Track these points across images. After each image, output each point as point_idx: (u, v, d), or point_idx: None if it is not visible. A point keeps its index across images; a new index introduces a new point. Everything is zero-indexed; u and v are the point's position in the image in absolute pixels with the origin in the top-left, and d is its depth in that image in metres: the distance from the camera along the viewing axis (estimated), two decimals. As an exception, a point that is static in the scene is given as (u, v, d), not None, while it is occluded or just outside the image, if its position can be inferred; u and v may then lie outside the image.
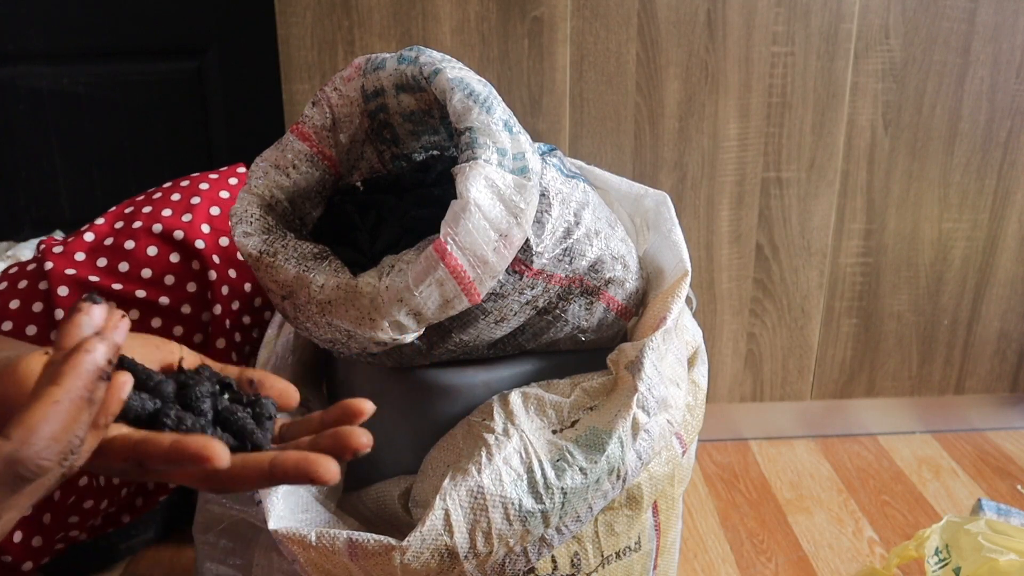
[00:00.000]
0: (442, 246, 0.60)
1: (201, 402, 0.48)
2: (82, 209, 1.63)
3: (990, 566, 0.89)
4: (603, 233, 0.74)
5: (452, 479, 0.65)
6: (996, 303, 1.42)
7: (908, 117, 1.31)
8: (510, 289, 0.69)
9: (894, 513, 1.25)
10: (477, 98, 0.65)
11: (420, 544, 0.63)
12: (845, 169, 1.32)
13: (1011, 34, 1.28)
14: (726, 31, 1.24)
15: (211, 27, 1.58)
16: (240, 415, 0.48)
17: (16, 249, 1.49)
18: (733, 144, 1.30)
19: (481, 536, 0.64)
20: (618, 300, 0.77)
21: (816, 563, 1.14)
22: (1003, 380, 1.47)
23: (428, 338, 0.70)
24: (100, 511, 0.92)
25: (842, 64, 1.27)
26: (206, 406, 0.48)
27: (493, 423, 0.69)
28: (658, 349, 0.72)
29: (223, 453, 0.42)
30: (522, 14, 1.22)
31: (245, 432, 0.48)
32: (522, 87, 1.25)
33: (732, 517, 1.24)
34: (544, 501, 0.65)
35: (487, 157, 0.62)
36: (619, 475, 0.67)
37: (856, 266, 1.38)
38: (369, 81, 0.70)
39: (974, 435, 1.47)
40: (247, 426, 0.48)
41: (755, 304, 1.38)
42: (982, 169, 1.34)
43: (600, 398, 0.72)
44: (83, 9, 1.55)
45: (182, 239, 0.88)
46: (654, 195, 0.87)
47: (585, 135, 1.28)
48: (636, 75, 1.25)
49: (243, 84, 1.60)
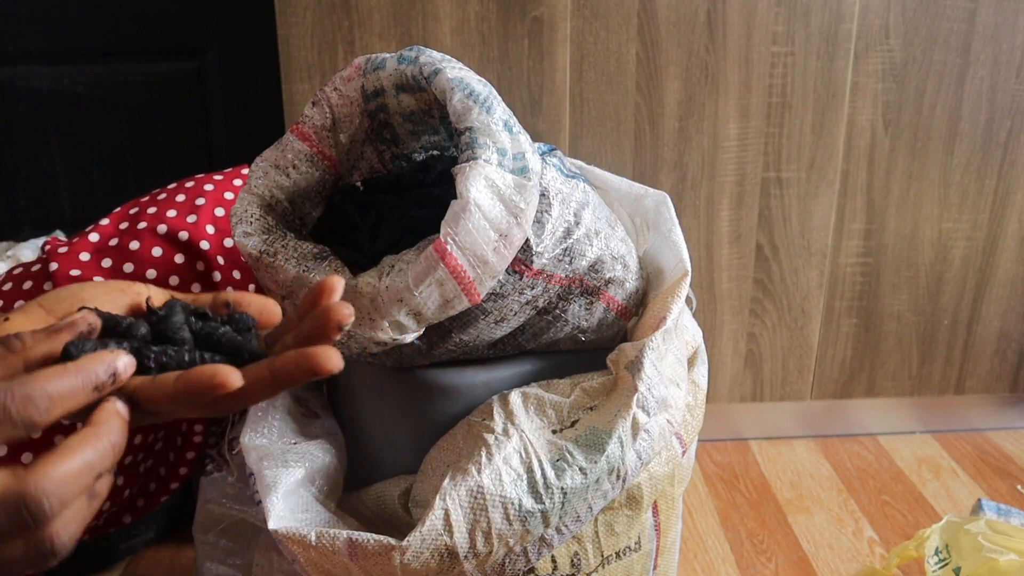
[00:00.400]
0: (442, 246, 0.60)
1: (178, 331, 0.46)
2: (82, 209, 1.63)
3: (990, 566, 0.89)
4: (603, 233, 0.74)
5: (452, 479, 0.65)
6: (996, 303, 1.42)
7: (908, 117, 1.31)
8: (510, 289, 0.69)
9: (894, 513, 1.25)
10: (477, 98, 0.65)
11: (420, 544, 0.63)
12: (845, 169, 1.32)
13: (1011, 34, 1.28)
14: (726, 31, 1.24)
15: (211, 27, 1.58)
16: (222, 331, 0.46)
17: (16, 249, 1.49)
18: (733, 144, 1.30)
19: (481, 536, 0.64)
20: (618, 300, 0.77)
21: (816, 563, 1.14)
22: (1003, 380, 1.47)
23: (428, 338, 0.70)
24: (101, 511, 0.92)
25: (842, 64, 1.27)
26: (185, 334, 0.46)
27: (493, 423, 0.69)
28: (658, 349, 0.72)
29: (234, 374, 0.41)
30: (522, 14, 1.22)
31: (235, 345, 0.46)
32: (522, 87, 1.25)
33: (732, 517, 1.24)
34: (544, 501, 0.65)
35: (487, 157, 0.62)
36: (619, 475, 0.67)
37: (856, 266, 1.38)
38: (369, 81, 0.70)
39: (974, 435, 1.47)
40: (234, 340, 0.46)
41: (755, 304, 1.38)
42: (982, 169, 1.34)
43: (600, 398, 0.72)
44: (83, 9, 1.55)
45: (187, 240, 0.88)
46: (654, 195, 0.87)
47: (585, 135, 1.28)
48: (636, 75, 1.25)
49: (243, 84, 1.60)
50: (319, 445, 0.75)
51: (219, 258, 0.88)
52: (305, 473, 0.71)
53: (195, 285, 0.88)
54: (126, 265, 0.87)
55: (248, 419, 0.75)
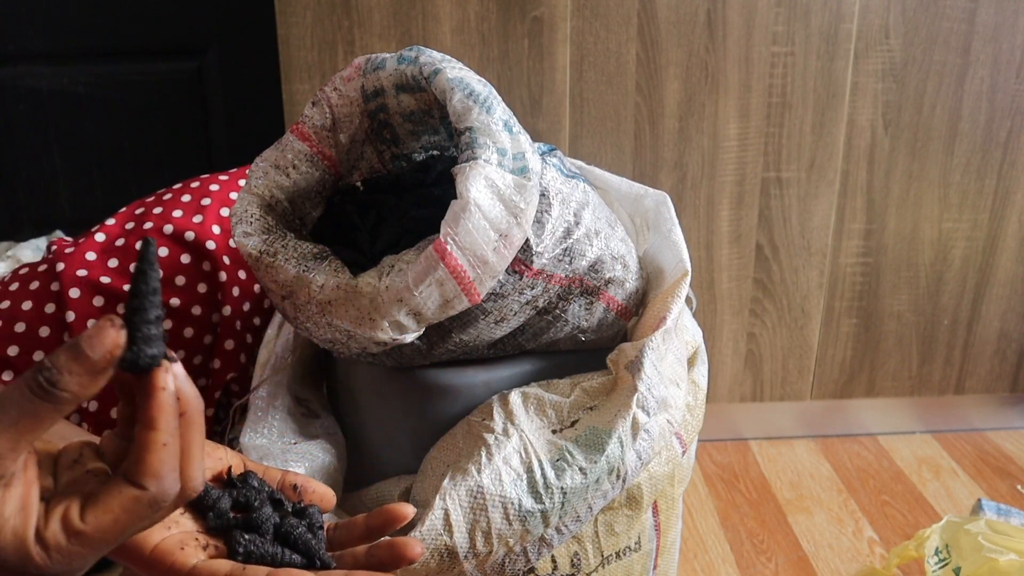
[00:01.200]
0: (442, 246, 0.60)
1: (265, 523, 0.51)
2: (82, 209, 1.63)
3: (990, 566, 0.89)
4: (603, 233, 0.74)
5: (452, 479, 0.65)
6: (996, 303, 1.42)
7: (908, 117, 1.31)
8: (510, 289, 0.69)
9: (894, 513, 1.25)
10: (477, 98, 0.65)
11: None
12: (845, 169, 1.32)
13: (1011, 34, 1.28)
14: (726, 31, 1.24)
15: (211, 27, 1.58)
16: (299, 531, 0.51)
17: (16, 249, 1.49)
18: (733, 144, 1.30)
19: (481, 536, 0.64)
20: (618, 300, 0.77)
21: (816, 563, 1.14)
22: (1003, 380, 1.47)
23: (428, 338, 0.70)
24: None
25: (842, 64, 1.27)
26: (268, 526, 0.51)
27: (493, 423, 0.69)
28: (658, 349, 0.72)
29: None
30: (522, 14, 1.22)
31: (311, 551, 0.51)
32: (522, 87, 1.25)
33: (732, 517, 1.24)
34: (544, 501, 0.65)
35: (487, 157, 0.62)
36: (619, 475, 0.67)
37: (856, 266, 1.38)
38: (369, 81, 0.70)
39: (974, 435, 1.47)
40: (311, 546, 0.51)
41: (755, 304, 1.38)
42: (982, 169, 1.34)
43: (600, 398, 0.72)
44: (83, 9, 1.55)
45: (193, 240, 0.88)
46: (654, 195, 0.87)
47: (585, 135, 1.28)
48: (636, 75, 1.25)
49: (243, 84, 1.60)
50: (319, 445, 0.75)
51: (225, 258, 0.88)
52: (305, 473, 0.71)
53: (201, 285, 0.88)
54: (132, 265, 0.87)
55: (248, 419, 0.75)
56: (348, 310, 0.63)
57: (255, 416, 0.75)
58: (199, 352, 0.84)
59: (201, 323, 0.86)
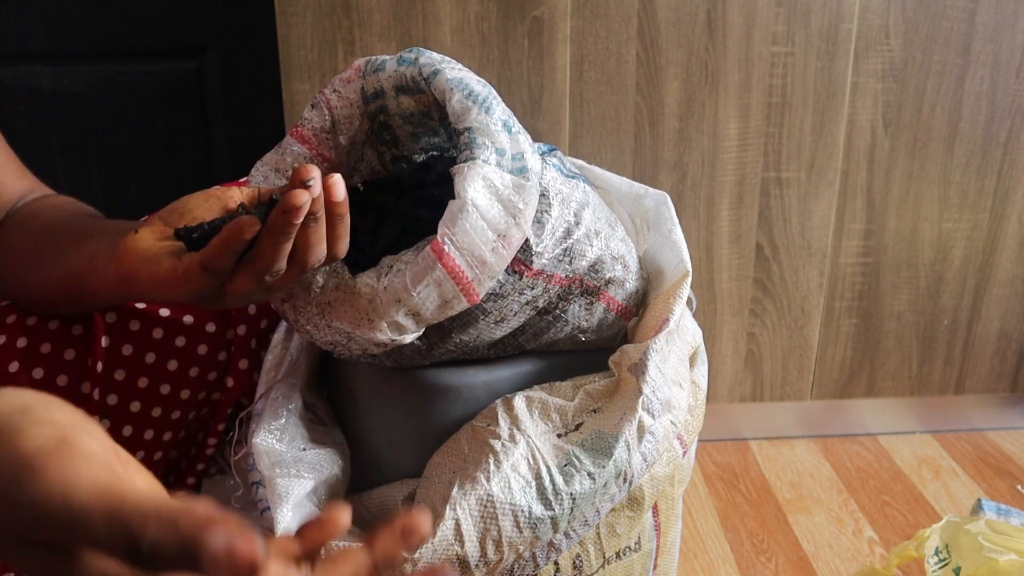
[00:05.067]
0: (439, 246, 0.60)
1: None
2: (82, 209, 1.63)
3: (990, 566, 0.89)
4: (603, 233, 0.74)
5: (461, 487, 0.65)
6: (996, 303, 1.42)
7: (908, 117, 1.31)
8: (510, 289, 0.69)
9: (894, 513, 1.25)
10: (476, 98, 0.65)
11: (432, 555, 0.63)
12: (845, 169, 1.32)
13: (1011, 34, 1.28)
14: (726, 31, 1.24)
15: (211, 27, 1.58)
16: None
17: (16, 249, 1.48)
18: (733, 144, 1.30)
19: (492, 544, 0.64)
20: (618, 300, 0.77)
21: (816, 563, 1.14)
22: (1003, 380, 1.47)
23: (428, 338, 0.70)
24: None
25: (842, 64, 1.27)
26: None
27: (498, 428, 0.69)
28: (662, 351, 0.72)
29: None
30: (522, 14, 1.22)
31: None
32: (522, 87, 1.25)
33: (732, 517, 1.24)
34: (553, 507, 0.65)
35: (485, 157, 0.62)
36: (625, 478, 0.67)
37: (856, 266, 1.38)
38: (369, 83, 0.70)
39: (974, 435, 1.47)
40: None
41: (755, 304, 1.38)
42: (982, 169, 1.34)
43: (603, 400, 0.72)
44: (83, 9, 1.55)
45: None
46: (654, 195, 0.87)
47: (585, 135, 1.28)
48: (636, 75, 1.25)
49: (243, 84, 1.60)
50: (327, 456, 0.74)
51: None
52: (314, 485, 0.71)
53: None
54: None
55: (263, 419, 0.74)
56: (347, 311, 0.63)
57: (271, 416, 0.74)
58: (213, 369, 0.83)
59: (215, 341, 0.85)
